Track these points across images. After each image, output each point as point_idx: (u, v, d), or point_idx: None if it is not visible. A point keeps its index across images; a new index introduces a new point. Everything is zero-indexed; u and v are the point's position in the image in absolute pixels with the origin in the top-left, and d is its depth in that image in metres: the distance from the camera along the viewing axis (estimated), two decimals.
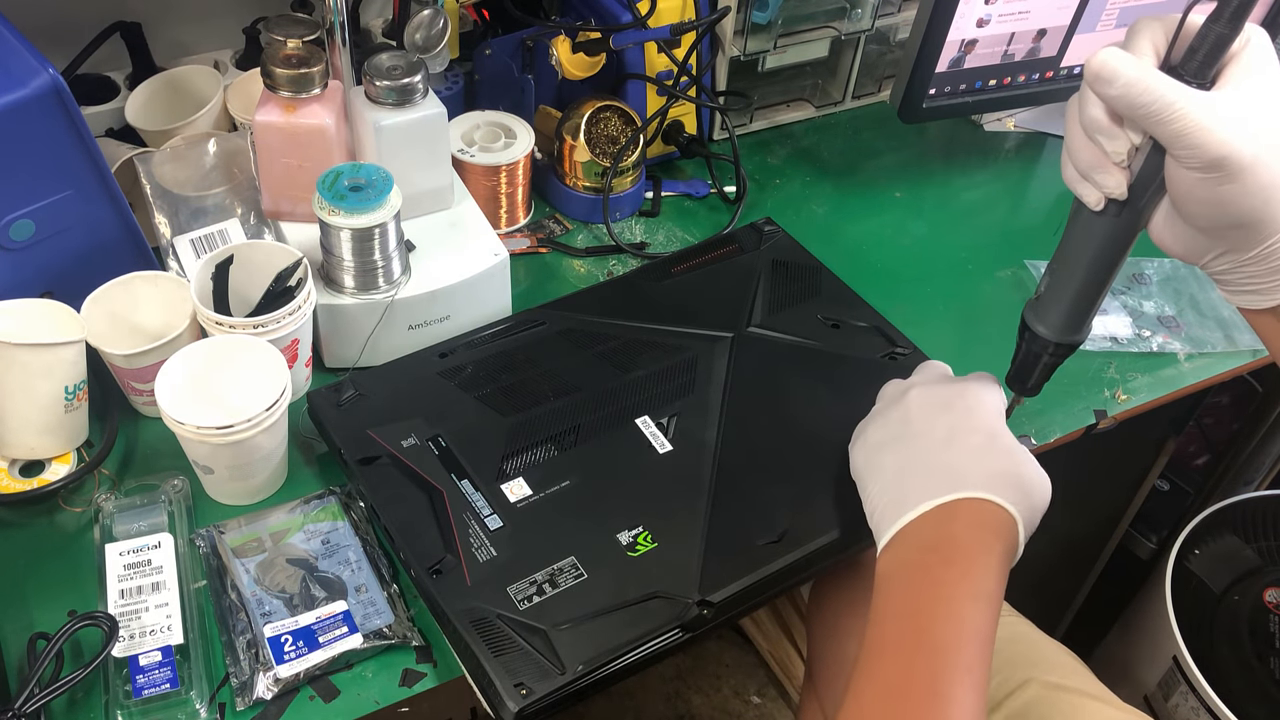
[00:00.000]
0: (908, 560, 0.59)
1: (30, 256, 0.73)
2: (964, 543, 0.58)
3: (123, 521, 0.70)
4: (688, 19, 0.96)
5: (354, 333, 0.80)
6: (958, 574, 0.57)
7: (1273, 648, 1.12)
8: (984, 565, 0.57)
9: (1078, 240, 0.61)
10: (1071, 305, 0.63)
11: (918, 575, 0.58)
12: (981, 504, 0.59)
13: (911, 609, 0.56)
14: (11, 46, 0.69)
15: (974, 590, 0.56)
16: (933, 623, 0.55)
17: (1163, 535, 1.42)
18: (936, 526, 0.59)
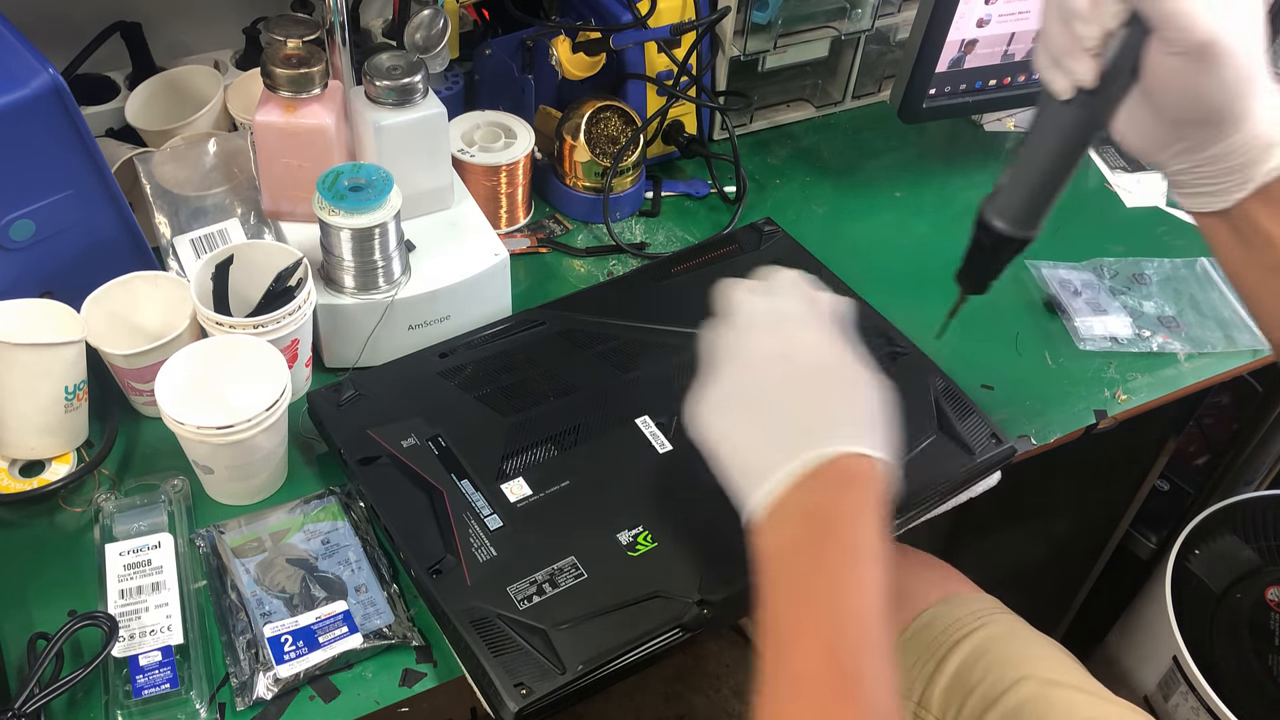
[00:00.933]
0: (786, 537, 0.54)
1: (30, 256, 0.73)
2: (841, 508, 0.54)
3: (123, 521, 0.70)
4: (688, 19, 0.96)
5: (354, 333, 0.80)
6: (843, 545, 0.53)
7: (1272, 645, 1.12)
8: (866, 526, 0.54)
9: (1043, 131, 0.61)
10: (1030, 197, 0.63)
11: (802, 554, 0.54)
12: (848, 458, 0.54)
13: (803, 592, 0.53)
14: (11, 46, 0.69)
15: (862, 557, 0.53)
16: (830, 603, 0.52)
17: (1163, 535, 1.42)
18: (808, 493, 0.54)
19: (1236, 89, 0.52)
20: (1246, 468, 1.33)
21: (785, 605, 0.54)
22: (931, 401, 0.78)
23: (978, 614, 0.85)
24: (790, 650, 0.52)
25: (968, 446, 0.75)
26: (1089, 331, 0.92)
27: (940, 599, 0.87)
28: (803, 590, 0.53)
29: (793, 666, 0.51)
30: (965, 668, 0.82)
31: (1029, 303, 0.95)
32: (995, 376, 0.87)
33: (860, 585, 0.52)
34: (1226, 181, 0.56)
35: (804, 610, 0.52)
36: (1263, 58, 0.53)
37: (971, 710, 0.80)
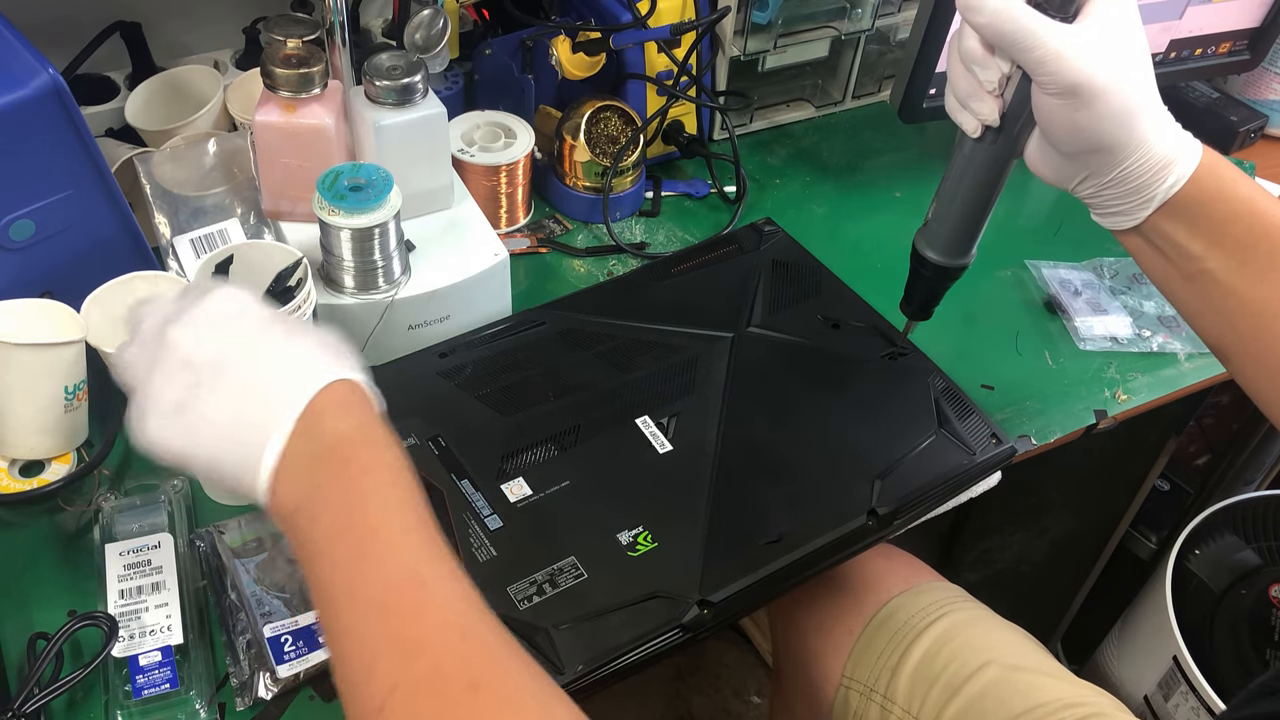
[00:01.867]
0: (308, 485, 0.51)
1: (30, 256, 0.73)
2: (347, 434, 0.52)
3: (123, 521, 0.70)
4: (688, 19, 0.96)
5: (354, 333, 0.80)
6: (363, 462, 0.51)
7: (1271, 640, 1.12)
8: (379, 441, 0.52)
9: (961, 166, 0.67)
10: (957, 229, 0.69)
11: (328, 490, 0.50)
12: (329, 389, 0.52)
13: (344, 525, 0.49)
14: (11, 46, 0.69)
15: (387, 467, 0.51)
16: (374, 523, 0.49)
17: (1163, 535, 1.42)
18: (309, 437, 0.51)
19: (1119, 120, 0.57)
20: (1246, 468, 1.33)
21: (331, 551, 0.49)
22: (931, 401, 0.78)
23: (940, 603, 0.86)
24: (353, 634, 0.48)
25: (968, 446, 0.75)
26: (1089, 331, 0.92)
27: (903, 590, 0.88)
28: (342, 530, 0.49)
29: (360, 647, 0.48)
30: (929, 657, 0.82)
31: (1029, 303, 0.95)
32: (995, 376, 0.87)
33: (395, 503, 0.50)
34: (1131, 201, 0.61)
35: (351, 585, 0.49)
36: (1146, 86, 0.58)
37: (936, 699, 0.80)
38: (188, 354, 0.53)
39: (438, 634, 0.47)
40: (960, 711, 0.79)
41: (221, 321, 0.55)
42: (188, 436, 0.53)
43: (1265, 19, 1.07)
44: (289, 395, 0.52)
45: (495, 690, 0.45)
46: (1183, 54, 1.05)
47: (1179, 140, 0.59)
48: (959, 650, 0.82)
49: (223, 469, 0.53)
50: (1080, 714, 0.76)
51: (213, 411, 0.52)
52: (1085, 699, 0.78)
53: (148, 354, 0.54)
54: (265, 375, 0.53)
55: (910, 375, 0.80)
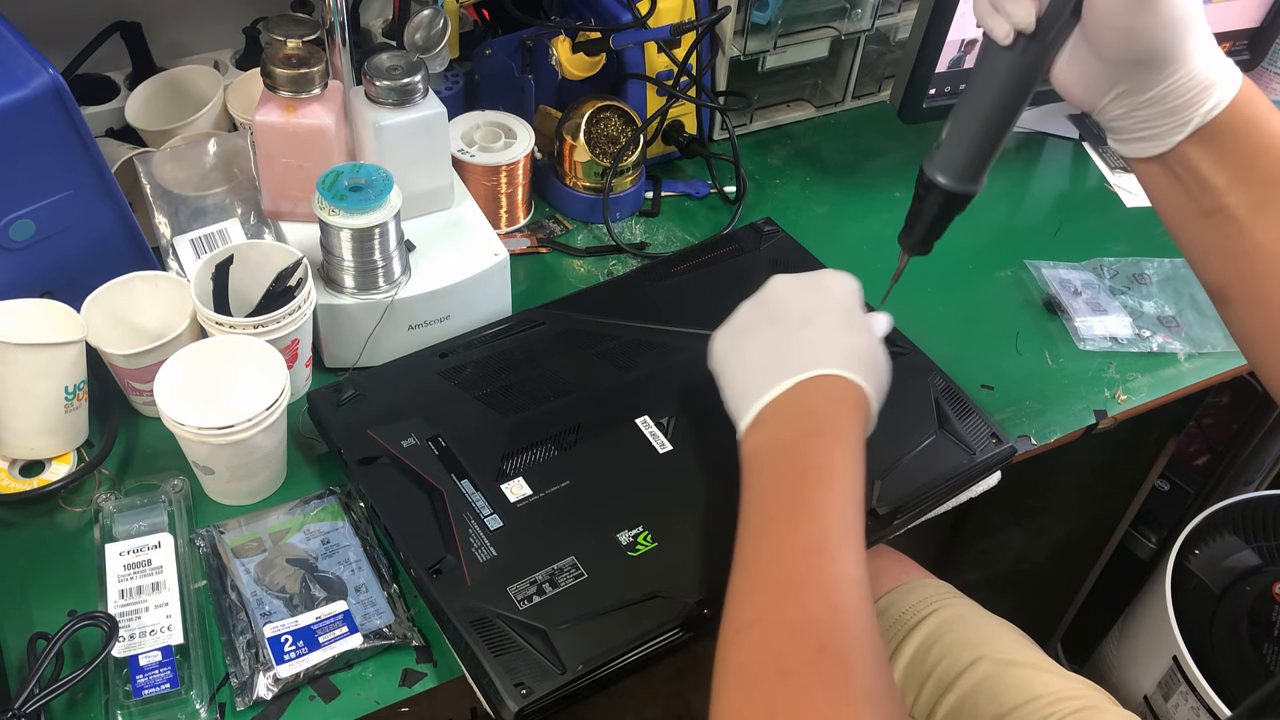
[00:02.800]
0: (776, 435, 0.60)
1: (30, 256, 0.73)
2: (829, 415, 0.60)
3: (123, 521, 0.70)
4: (688, 19, 0.96)
5: (354, 333, 0.80)
6: (829, 444, 0.58)
7: (1271, 635, 1.12)
8: (849, 436, 0.59)
9: (984, 79, 0.61)
10: (972, 149, 0.64)
11: (789, 448, 0.59)
12: (840, 380, 0.61)
13: (789, 479, 0.57)
14: (11, 46, 0.69)
15: (845, 457, 0.58)
16: (813, 489, 0.56)
17: (1163, 535, 1.42)
18: (799, 402, 0.60)
19: (1175, 28, 0.54)
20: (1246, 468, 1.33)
21: (770, 489, 0.58)
22: (931, 401, 0.78)
23: (931, 600, 0.86)
24: (775, 527, 0.56)
25: (968, 446, 0.75)
26: (1089, 331, 0.92)
27: (893, 587, 0.88)
28: (789, 477, 0.58)
29: (775, 541, 0.55)
30: (921, 653, 0.82)
31: (1029, 303, 0.95)
32: (995, 376, 0.87)
33: (843, 481, 0.57)
34: (1164, 124, 0.57)
35: (789, 493, 0.57)
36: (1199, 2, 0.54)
37: (929, 694, 0.80)
38: (772, 298, 0.67)
39: (815, 598, 0.52)
40: (954, 707, 0.79)
41: (811, 290, 0.66)
42: (730, 352, 0.66)
43: (1265, 19, 1.07)
44: (808, 361, 0.61)
45: (839, 660, 0.50)
46: None
47: (1220, 61, 0.56)
48: (950, 646, 0.82)
49: (737, 388, 0.64)
50: (1072, 707, 0.76)
51: (752, 344, 0.65)
52: (1077, 692, 0.78)
53: (760, 294, 0.67)
54: (804, 340, 0.63)
55: (910, 375, 0.80)
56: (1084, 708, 0.76)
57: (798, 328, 0.64)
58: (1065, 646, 1.52)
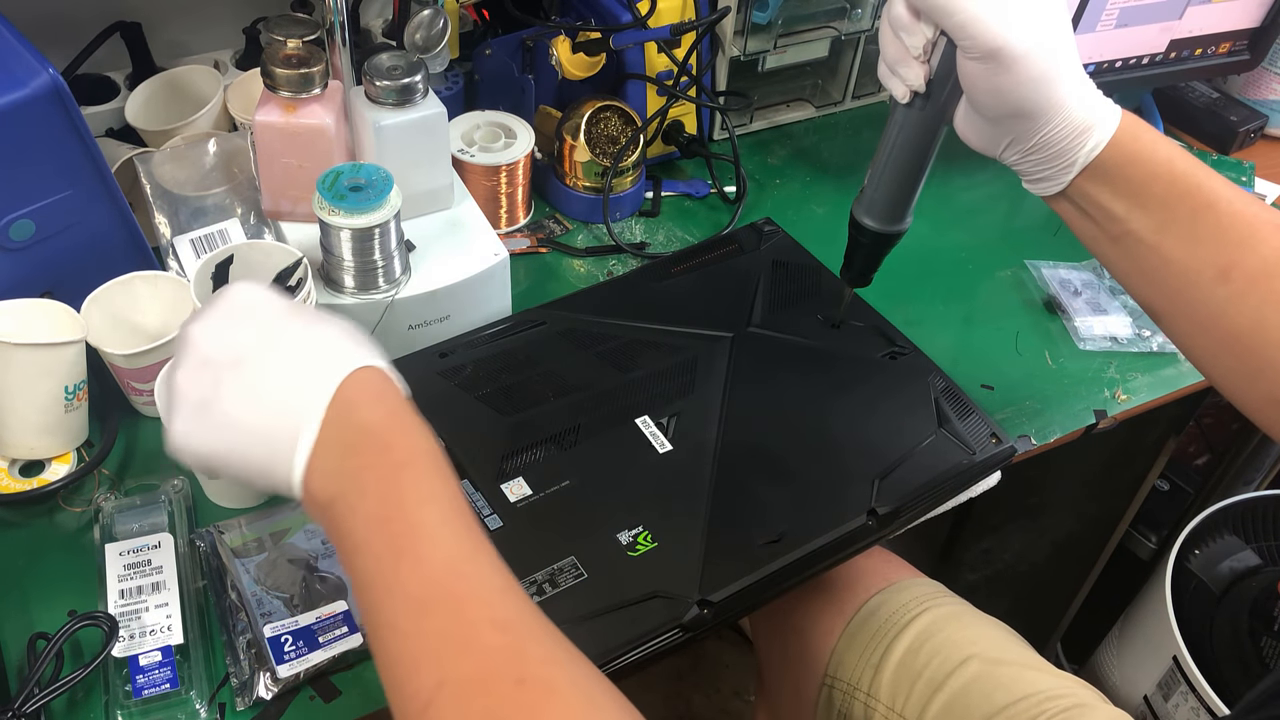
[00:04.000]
0: (343, 477, 0.50)
1: (30, 256, 0.73)
2: (379, 422, 0.51)
3: (123, 521, 0.70)
4: (688, 19, 0.96)
5: None
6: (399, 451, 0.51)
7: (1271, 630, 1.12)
8: (411, 426, 0.52)
9: (894, 133, 0.68)
10: (892, 194, 0.71)
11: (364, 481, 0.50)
12: (355, 377, 0.51)
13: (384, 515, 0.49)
14: (11, 46, 0.69)
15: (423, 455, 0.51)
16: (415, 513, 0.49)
17: (1163, 535, 1.41)
18: (341, 428, 0.50)
19: (1038, 85, 0.58)
20: (1246, 468, 1.33)
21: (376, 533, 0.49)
22: (931, 401, 0.78)
23: (920, 599, 0.86)
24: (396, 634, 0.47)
25: (968, 446, 0.75)
26: (1089, 331, 0.92)
27: (883, 586, 0.88)
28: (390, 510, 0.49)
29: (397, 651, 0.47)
30: (911, 653, 0.82)
31: (1029, 303, 0.95)
32: (995, 376, 0.87)
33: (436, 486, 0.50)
34: (1054, 165, 0.62)
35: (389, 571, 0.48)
36: (1065, 53, 0.59)
37: (920, 694, 0.80)
38: (205, 351, 0.53)
39: (482, 628, 0.47)
40: (944, 706, 0.79)
41: (237, 316, 0.54)
42: (215, 436, 0.52)
43: (1265, 19, 1.07)
44: (317, 384, 0.51)
45: (541, 682, 0.45)
46: (1183, 54, 1.05)
47: (1098, 105, 0.61)
48: (941, 645, 0.82)
49: (253, 466, 0.52)
50: (1062, 705, 0.76)
51: (237, 407, 0.51)
52: (1067, 690, 0.78)
53: (175, 369, 0.53)
54: (288, 365, 0.52)
55: (910, 375, 0.80)
56: (1074, 705, 0.76)
57: (272, 361, 0.52)
58: (1065, 646, 1.51)
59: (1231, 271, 0.59)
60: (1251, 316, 0.58)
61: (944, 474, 0.74)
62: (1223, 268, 0.59)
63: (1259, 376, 0.59)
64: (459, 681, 0.45)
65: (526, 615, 0.48)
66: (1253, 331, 0.58)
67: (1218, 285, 0.59)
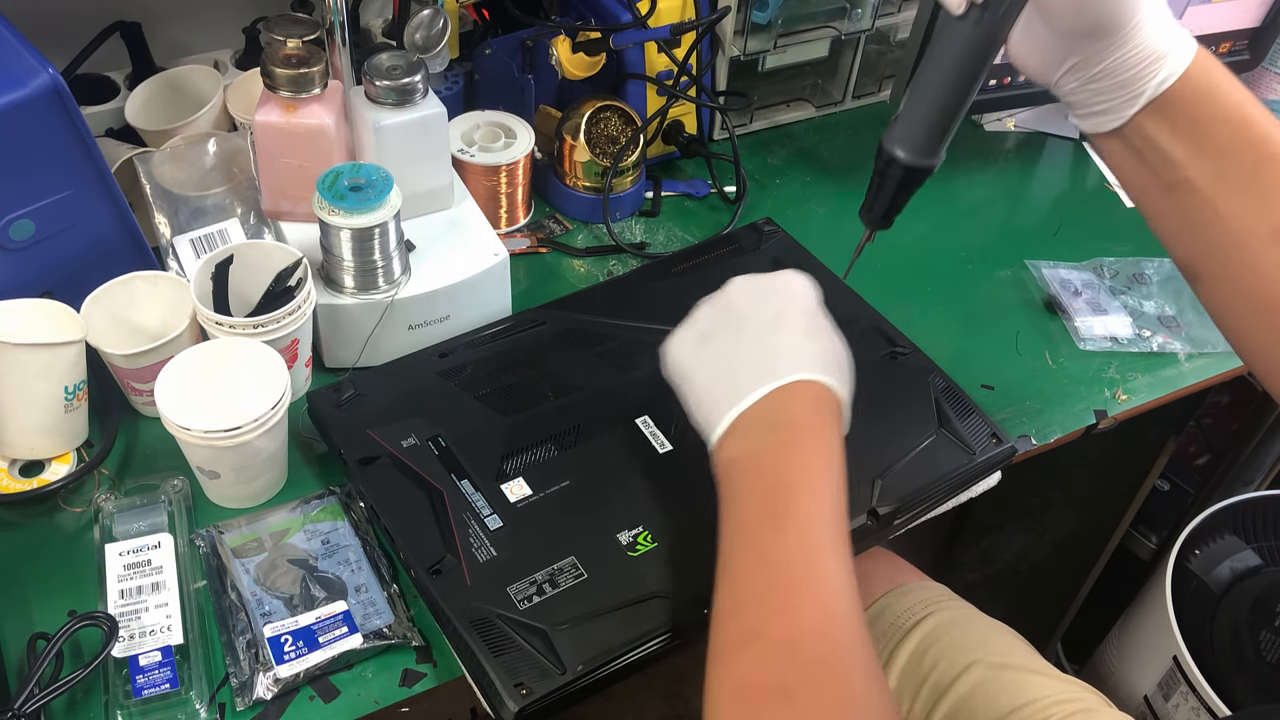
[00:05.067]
0: (754, 444, 0.58)
1: (30, 256, 0.73)
2: (808, 422, 0.58)
3: (123, 521, 0.70)
4: (688, 19, 0.96)
5: (354, 333, 0.80)
6: (810, 450, 0.57)
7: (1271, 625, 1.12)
8: (830, 442, 0.58)
9: (941, 52, 0.61)
10: (931, 123, 0.63)
11: (769, 457, 0.57)
12: (814, 385, 0.59)
13: (771, 489, 0.56)
14: (11, 46, 0.69)
15: (827, 463, 0.57)
16: (797, 497, 0.55)
17: (1163, 535, 1.42)
18: (776, 409, 0.58)
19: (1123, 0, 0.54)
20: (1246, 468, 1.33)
21: (752, 497, 0.57)
22: (931, 401, 0.78)
23: (926, 603, 0.85)
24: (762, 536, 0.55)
25: (968, 446, 0.75)
26: (1089, 331, 0.92)
27: (888, 590, 0.88)
28: (772, 484, 0.56)
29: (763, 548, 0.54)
30: (916, 658, 0.82)
31: (1029, 303, 0.95)
32: (995, 376, 0.87)
33: (826, 488, 0.56)
34: (1117, 97, 0.57)
35: (772, 501, 0.56)
36: None
37: (925, 700, 0.80)
38: (733, 298, 0.64)
39: (810, 608, 0.51)
40: (950, 711, 0.79)
41: (774, 291, 0.64)
42: (694, 360, 0.63)
43: (1265, 19, 1.07)
44: (782, 367, 0.59)
45: (837, 670, 0.49)
46: None
47: (1174, 32, 0.56)
48: (946, 650, 0.82)
49: (704, 399, 0.61)
50: (1068, 710, 0.76)
51: (721, 352, 0.62)
52: (1072, 695, 0.78)
53: (717, 295, 0.65)
54: (772, 346, 0.60)
55: (910, 375, 0.80)
56: (1080, 710, 0.76)
57: (767, 332, 0.61)
58: (1065, 647, 1.51)
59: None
60: None
61: (944, 474, 0.74)
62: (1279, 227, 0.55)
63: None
64: (770, 639, 0.51)
65: (852, 614, 0.52)
66: None
67: (1271, 246, 0.55)
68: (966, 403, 0.78)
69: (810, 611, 0.51)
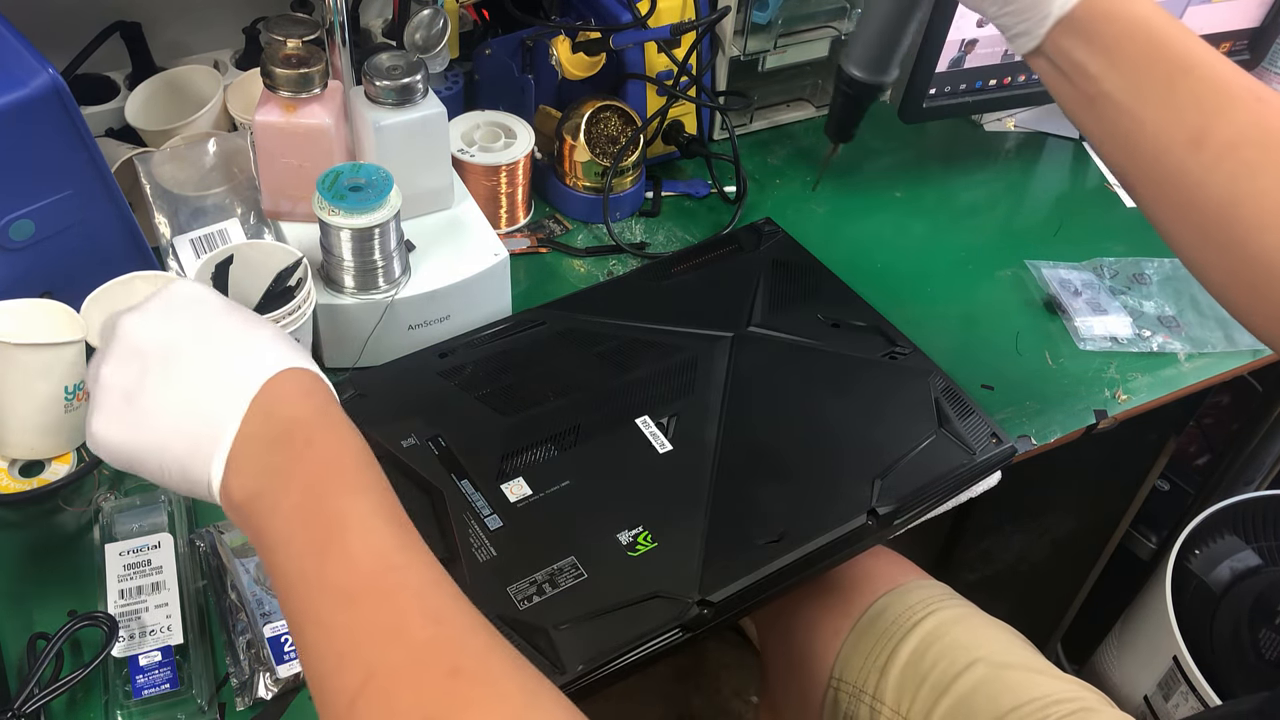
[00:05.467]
0: (265, 468, 0.49)
1: (30, 256, 0.73)
2: (311, 419, 0.50)
3: (123, 521, 0.70)
4: (688, 19, 0.96)
5: (354, 333, 0.80)
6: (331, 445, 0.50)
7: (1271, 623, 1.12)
8: (342, 428, 0.51)
9: None
10: (878, 43, 0.73)
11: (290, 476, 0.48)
12: (291, 376, 0.51)
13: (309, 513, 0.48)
14: (11, 46, 0.69)
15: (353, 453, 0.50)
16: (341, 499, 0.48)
17: (1163, 535, 1.42)
18: (266, 422, 0.49)
19: None
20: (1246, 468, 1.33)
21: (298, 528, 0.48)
22: (931, 401, 0.78)
23: (927, 602, 0.85)
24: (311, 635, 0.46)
25: (968, 446, 0.75)
26: (1089, 331, 0.92)
27: (889, 589, 0.88)
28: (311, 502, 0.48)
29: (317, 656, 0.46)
30: (917, 656, 0.82)
31: (1029, 303, 0.95)
32: (995, 376, 0.87)
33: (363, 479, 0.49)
34: (1031, 16, 0.61)
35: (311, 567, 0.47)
36: None
37: (925, 698, 0.80)
38: (137, 342, 0.52)
39: (413, 619, 0.45)
40: (950, 710, 0.79)
41: (175, 309, 0.53)
42: (135, 429, 0.51)
43: (1265, 19, 1.07)
44: (244, 378, 0.50)
45: (477, 675, 0.44)
46: None
47: None
48: (947, 649, 0.82)
49: (171, 465, 0.50)
50: (1068, 709, 0.76)
51: (161, 399, 0.50)
52: (1073, 694, 0.78)
53: (100, 360, 0.52)
54: (219, 360, 0.51)
55: (910, 375, 0.80)
56: (1080, 710, 0.76)
57: (201, 349, 0.52)
58: (1065, 647, 1.52)
59: (1205, 139, 0.57)
60: (1223, 186, 0.57)
61: (944, 474, 0.74)
62: (1196, 134, 0.57)
63: (1226, 251, 0.58)
64: (387, 673, 0.43)
65: (462, 609, 0.46)
66: (1222, 202, 0.57)
67: (1190, 152, 0.57)
68: (966, 403, 0.78)
69: (417, 623, 0.45)
